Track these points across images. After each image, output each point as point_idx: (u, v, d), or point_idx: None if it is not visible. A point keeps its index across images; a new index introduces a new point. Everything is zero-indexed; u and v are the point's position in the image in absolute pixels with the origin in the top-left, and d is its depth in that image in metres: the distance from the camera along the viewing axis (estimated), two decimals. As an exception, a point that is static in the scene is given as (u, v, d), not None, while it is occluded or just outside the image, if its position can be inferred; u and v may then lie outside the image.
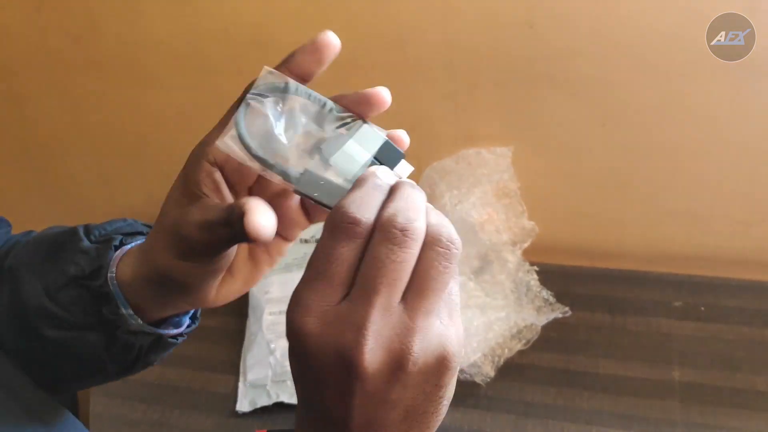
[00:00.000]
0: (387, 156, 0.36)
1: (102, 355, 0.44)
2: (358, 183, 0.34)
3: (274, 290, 0.96)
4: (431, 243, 0.32)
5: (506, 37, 0.83)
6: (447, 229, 0.33)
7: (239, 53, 0.94)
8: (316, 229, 1.03)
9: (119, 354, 0.44)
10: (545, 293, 0.89)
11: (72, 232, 0.45)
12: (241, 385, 0.89)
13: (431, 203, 0.34)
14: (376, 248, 0.31)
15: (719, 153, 0.88)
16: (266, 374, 0.89)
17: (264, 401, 0.87)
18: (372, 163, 0.36)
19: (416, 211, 0.32)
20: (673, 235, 0.96)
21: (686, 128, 0.86)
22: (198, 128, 0.36)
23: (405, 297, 0.31)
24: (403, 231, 0.31)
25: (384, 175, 0.34)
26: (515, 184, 0.91)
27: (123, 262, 0.43)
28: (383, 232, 0.31)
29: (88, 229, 0.45)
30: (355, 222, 0.31)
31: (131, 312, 0.42)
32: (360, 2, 0.86)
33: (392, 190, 0.34)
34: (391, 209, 0.32)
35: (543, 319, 0.86)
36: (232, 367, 0.92)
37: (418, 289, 0.31)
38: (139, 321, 0.43)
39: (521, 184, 0.92)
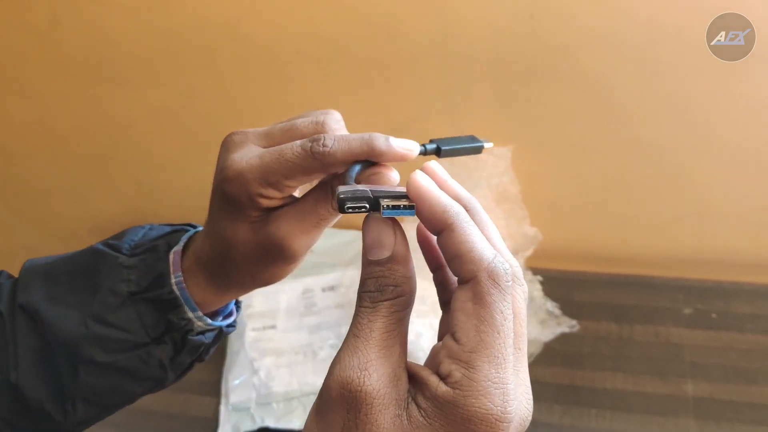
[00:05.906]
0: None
1: (166, 366, 0.44)
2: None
3: (256, 304, 0.92)
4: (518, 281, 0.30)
5: (505, 29, 0.79)
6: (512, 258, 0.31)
7: (214, 48, 0.89)
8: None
9: (183, 359, 0.45)
10: (550, 305, 0.84)
11: (94, 253, 0.44)
12: (222, 408, 0.86)
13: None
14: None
15: (730, 152, 0.85)
16: (250, 396, 0.85)
17: (248, 426, 0.83)
18: None
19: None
20: (682, 237, 0.94)
21: (696, 127, 0.84)
22: (170, 128, 0.31)
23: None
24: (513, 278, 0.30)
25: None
26: (516, 188, 0.86)
27: (186, 262, 0.43)
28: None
29: (114, 246, 0.44)
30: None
31: (199, 314, 0.43)
32: (346, -9, 0.80)
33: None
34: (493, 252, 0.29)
35: (548, 334, 0.82)
36: (213, 389, 0.88)
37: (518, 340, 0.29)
38: (208, 320, 0.44)
39: (522, 188, 0.87)
